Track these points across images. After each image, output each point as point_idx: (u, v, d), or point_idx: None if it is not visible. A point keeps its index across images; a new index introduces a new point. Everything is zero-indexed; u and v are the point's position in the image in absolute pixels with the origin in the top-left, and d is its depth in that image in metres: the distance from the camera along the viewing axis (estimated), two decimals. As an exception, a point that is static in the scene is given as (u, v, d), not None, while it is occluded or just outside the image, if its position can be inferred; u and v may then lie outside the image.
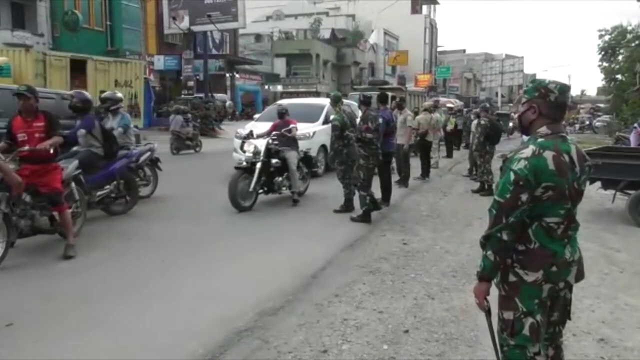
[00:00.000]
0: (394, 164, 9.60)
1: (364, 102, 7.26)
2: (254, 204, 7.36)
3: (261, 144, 7.53)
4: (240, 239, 5.98)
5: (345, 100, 11.78)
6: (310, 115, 11.29)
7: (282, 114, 8.55)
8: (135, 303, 3.97)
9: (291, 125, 8.11)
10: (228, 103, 27.47)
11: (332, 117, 8.03)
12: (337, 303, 4.00)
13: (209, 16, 24.45)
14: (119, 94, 8.03)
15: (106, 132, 6.49)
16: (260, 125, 10.35)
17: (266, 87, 36.69)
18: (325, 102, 11.81)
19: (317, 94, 32.02)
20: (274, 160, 7.62)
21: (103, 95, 7.96)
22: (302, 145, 10.16)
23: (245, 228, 6.47)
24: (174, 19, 25.50)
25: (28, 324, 3.53)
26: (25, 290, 4.17)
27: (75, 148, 6.25)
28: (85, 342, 3.31)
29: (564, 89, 2.13)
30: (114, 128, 7.17)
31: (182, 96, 23.97)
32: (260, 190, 7.57)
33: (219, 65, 28.81)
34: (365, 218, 6.84)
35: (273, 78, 37.42)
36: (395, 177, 9.30)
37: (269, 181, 7.62)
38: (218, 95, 26.39)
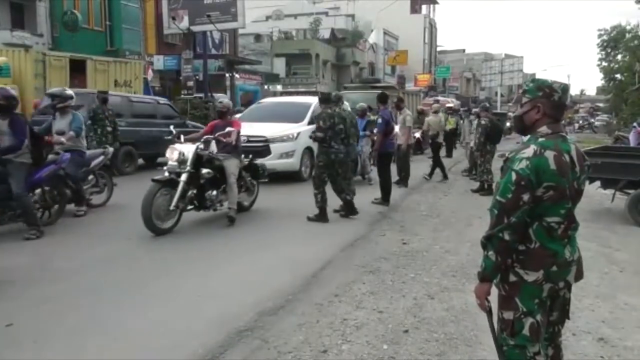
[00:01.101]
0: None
1: (323, 100, 7.13)
2: (175, 225, 6.05)
3: (189, 150, 6.13)
4: (240, 239, 5.97)
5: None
6: (294, 115, 10.50)
7: (223, 113, 6.90)
8: (135, 303, 3.97)
9: (228, 129, 6.56)
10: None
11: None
12: (337, 303, 4.00)
13: (209, 16, 24.39)
14: (69, 91, 7.02)
15: (34, 134, 5.77)
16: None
17: (266, 87, 36.67)
18: (312, 100, 10.95)
19: (316, 94, 32.02)
20: (204, 170, 6.27)
21: (50, 91, 7.04)
22: (285, 147, 9.61)
23: (244, 228, 6.47)
24: (174, 19, 25.44)
25: (28, 324, 3.53)
26: (25, 290, 4.17)
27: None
28: (86, 342, 3.31)
29: (566, 88, 2.17)
30: (63, 130, 6.53)
31: (182, 96, 23.95)
32: (190, 207, 6.27)
33: (219, 65, 28.76)
34: (321, 217, 6.79)
35: (273, 78, 37.38)
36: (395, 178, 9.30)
37: (200, 195, 6.33)
38: (218, 95, 26.31)
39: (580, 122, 39.07)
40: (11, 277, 4.44)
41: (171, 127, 6.96)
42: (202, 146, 6.36)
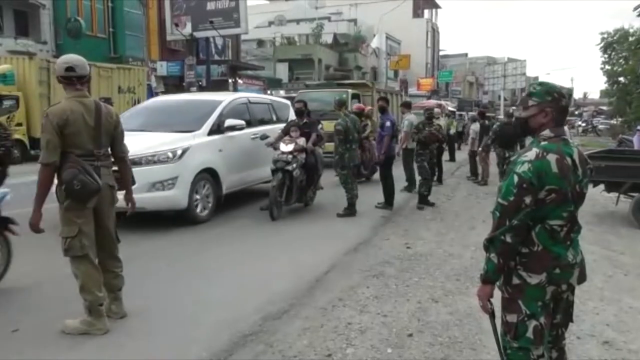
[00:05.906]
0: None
1: (428, 117, 7.53)
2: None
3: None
4: (243, 243, 5.99)
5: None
6: (191, 120, 6.99)
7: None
8: (139, 308, 3.98)
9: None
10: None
11: (333, 121, 8.03)
12: (341, 307, 4.01)
13: (211, 22, 24.52)
14: None
15: None
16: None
17: (268, 92, 36.81)
18: (223, 98, 7.83)
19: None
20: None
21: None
22: (159, 173, 6.11)
23: (247, 233, 6.48)
24: (177, 25, 25.58)
25: (32, 331, 3.54)
26: (29, 297, 4.19)
27: None
28: (90, 346, 3.32)
29: (571, 93, 2.24)
30: None
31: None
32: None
33: (222, 70, 28.88)
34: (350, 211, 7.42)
35: (275, 83, 37.50)
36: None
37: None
38: (220, 101, 26.41)
39: (575, 125, 38.98)
40: (13, 285, 4.46)
41: None
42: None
